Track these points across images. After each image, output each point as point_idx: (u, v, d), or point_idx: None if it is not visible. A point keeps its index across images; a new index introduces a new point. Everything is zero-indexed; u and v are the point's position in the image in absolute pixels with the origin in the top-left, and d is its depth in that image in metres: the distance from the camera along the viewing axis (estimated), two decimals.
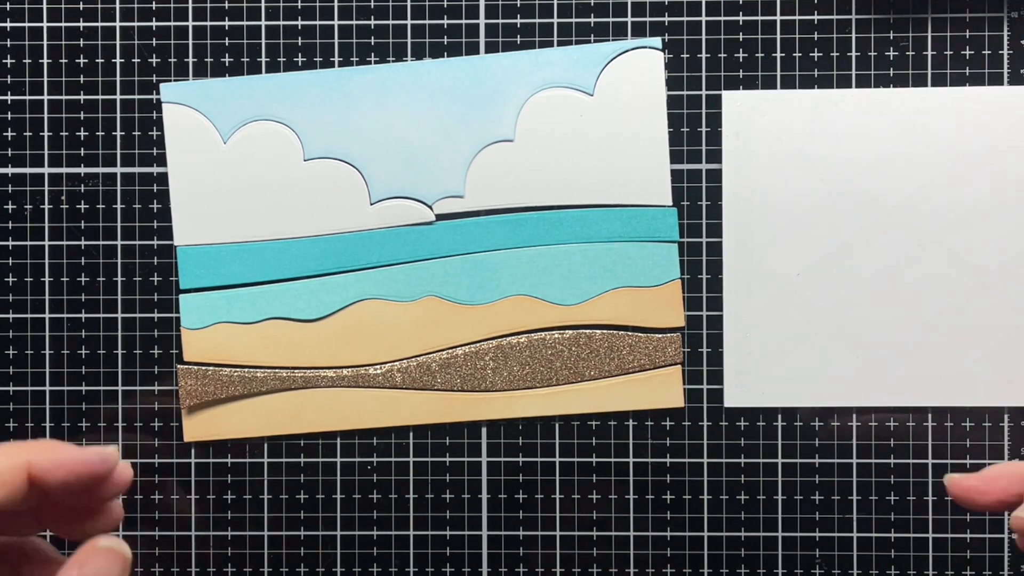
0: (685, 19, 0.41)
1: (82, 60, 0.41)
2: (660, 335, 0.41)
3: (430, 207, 0.41)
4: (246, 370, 0.41)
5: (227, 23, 0.41)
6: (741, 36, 0.41)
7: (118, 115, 0.41)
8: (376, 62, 0.41)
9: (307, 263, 0.41)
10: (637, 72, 0.41)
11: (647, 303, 0.41)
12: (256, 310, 0.41)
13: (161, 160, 0.41)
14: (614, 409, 0.41)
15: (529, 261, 0.41)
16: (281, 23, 0.41)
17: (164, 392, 0.41)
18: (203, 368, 0.41)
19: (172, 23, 0.41)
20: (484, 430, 0.41)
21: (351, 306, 0.41)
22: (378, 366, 0.41)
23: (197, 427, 0.41)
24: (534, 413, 0.41)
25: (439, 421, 0.41)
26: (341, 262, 0.41)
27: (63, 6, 0.41)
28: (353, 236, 0.41)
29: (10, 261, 0.41)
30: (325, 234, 0.41)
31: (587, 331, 0.41)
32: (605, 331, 0.41)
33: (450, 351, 0.41)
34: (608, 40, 0.41)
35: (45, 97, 0.41)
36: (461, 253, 0.41)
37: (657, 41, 0.41)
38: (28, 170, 0.41)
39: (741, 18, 0.41)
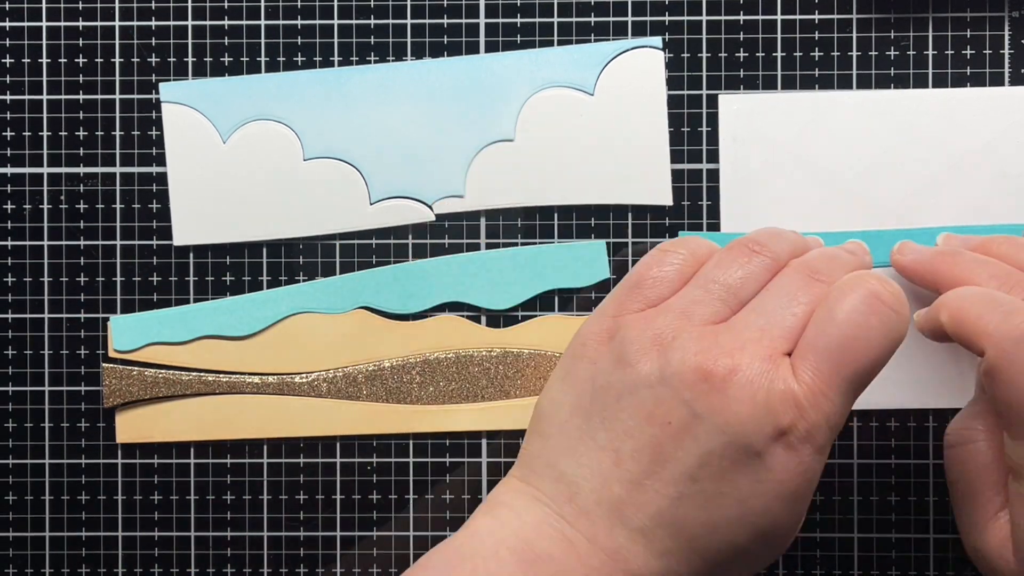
0: (685, 19, 0.41)
1: (81, 60, 0.41)
2: None
3: (430, 207, 0.41)
4: (171, 372, 0.40)
5: (227, 23, 0.41)
6: (741, 36, 0.41)
7: (117, 115, 0.41)
8: (376, 62, 0.41)
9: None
10: (637, 72, 0.41)
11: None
12: (187, 329, 0.41)
13: (160, 160, 0.41)
14: None
15: (459, 268, 0.41)
16: (281, 23, 0.41)
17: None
18: (127, 368, 0.40)
19: (171, 23, 0.41)
20: (485, 437, 0.41)
21: (283, 320, 0.41)
22: (304, 375, 0.40)
23: (128, 429, 0.41)
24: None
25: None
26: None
27: (62, 5, 0.41)
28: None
29: (9, 261, 0.41)
30: (324, 234, 0.41)
31: (516, 350, 0.40)
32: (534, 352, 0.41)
33: (376, 364, 0.41)
34: (608, 40, 0.41)
35: (44, 97, 0.41)
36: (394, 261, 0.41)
37: (657, 41, 0.41)
38: (27, 170, 0.41)
39: (741, 17, 0.41)
